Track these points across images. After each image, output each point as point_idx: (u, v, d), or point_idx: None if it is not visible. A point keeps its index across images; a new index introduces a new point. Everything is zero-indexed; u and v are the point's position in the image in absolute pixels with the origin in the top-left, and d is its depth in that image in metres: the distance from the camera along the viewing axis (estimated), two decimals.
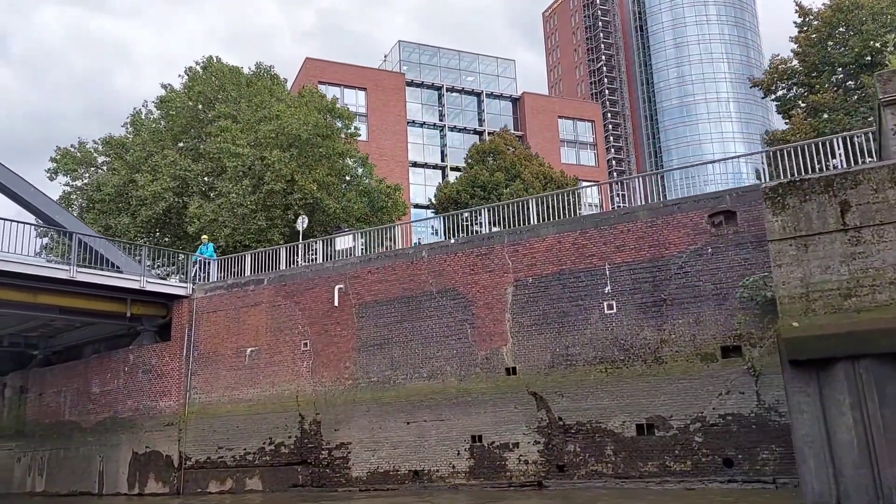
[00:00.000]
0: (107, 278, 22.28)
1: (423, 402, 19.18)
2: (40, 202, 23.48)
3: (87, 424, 25.76)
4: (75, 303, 23.15)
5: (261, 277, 23.17)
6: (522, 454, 17.56)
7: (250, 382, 22.19)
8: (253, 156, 34.71)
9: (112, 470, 24.34)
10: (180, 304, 24.19)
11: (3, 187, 22.96)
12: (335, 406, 20.52)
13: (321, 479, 20.15)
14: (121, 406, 24.62)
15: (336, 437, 20.24)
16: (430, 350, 19.48)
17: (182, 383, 23.41)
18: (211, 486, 21.94)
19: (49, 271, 20.89)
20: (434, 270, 19.95)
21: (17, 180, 23.34)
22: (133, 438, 23.87)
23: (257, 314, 22.67)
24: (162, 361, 23.87)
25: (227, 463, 21.83)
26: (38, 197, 23.72)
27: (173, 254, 25.83)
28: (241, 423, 21.92)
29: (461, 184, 36.77)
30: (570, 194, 20.69)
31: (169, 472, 22.78)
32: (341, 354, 20.87)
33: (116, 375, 25.12)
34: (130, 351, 25.00)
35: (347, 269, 21.45)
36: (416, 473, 18.84)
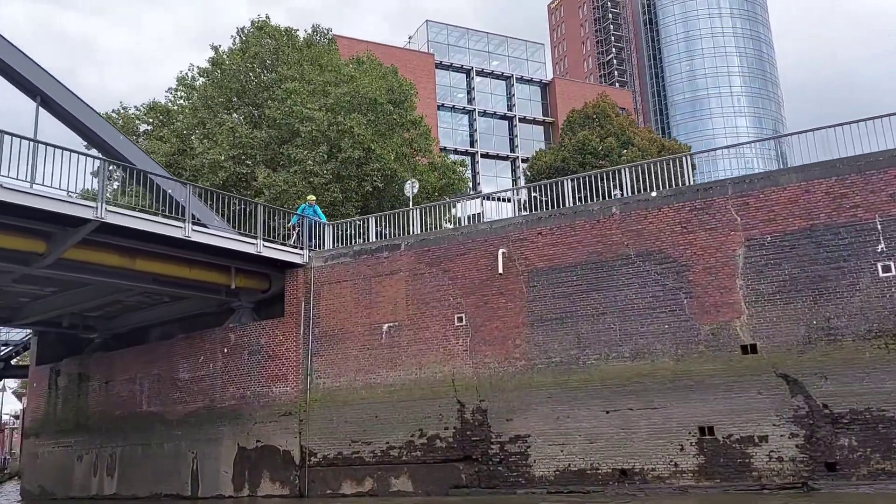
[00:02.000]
0: (224, 241, 18.78)
1: (626, 387, 15.94)
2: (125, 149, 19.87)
3: (174, 416, 22.24)
4: (175, 271, 19.69)
5: (396, 242, 19.78)
6: (773, 450, 14.37)
7: (390, 364, 18.81)
8: (327, 120, 31.25)
9: (210, 468, 20.84)
10: (294, 274, 20.75)
11: (72, 118, 19.18)
12: (505, 391, 17.21)
13: (491, 478, 16.83)
14: (220, 394, 21.13)
15: (509, 428, 16.95)
16: (632, 325, 16.23)
17: (301, 366, 19.97)
18: (344, 486, 18.54)
19: (163, 228, 17.36)
20: (630, 230, 16.70)
21: (94, 116, 19.60)
22: (238, 431, 20.41)
23: (394, 284, 19.29)
24: (274, 341, 20.41)
25: (365, 459, 18.45)
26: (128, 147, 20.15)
27: (270, 217, 22.13)
28: (381, 411, 18.55)
29: (568, 150, 33.53)
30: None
31: (288, 470, 19.35)
32: (508, 330, 17.56)
33: (212, 358, 21.61)
34: (231, 330, 21.50)
35: (510, 230, 18.14)
36: (623, 472, 15.59)
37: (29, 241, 16.61)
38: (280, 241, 20.47)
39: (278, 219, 22.20)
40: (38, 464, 26.71)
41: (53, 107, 18.90)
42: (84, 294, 22.55)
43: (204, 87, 36.60)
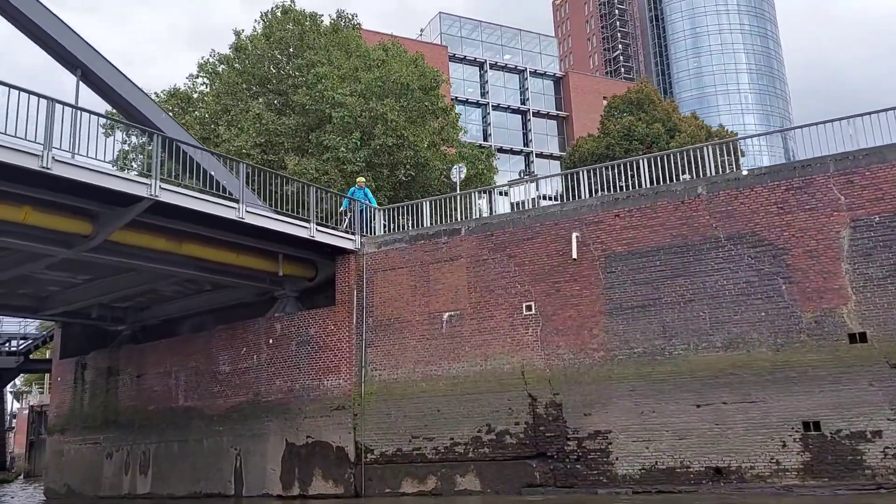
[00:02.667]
0: (278, 223, 17.64)
1: (719, 379, 14.84)
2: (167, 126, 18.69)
3: (213, 411, 21.10)
4: (222, 256, 18.58)
5: (455, 227, 18.66)
6: (889, 446, 13.30)
7: (452, 355, 17.69)
8: (359, 106, 30.12)
9: (256, 466, 19.71)
10: (345, 261, 19.61)
11: (113, 93, 17.97)
12: (581, 384, 16.10)
13: (569, 477, 15.72)
14: (265, 387, 20.00)
15: (587, 423, 15.84)
16: (723, 312, 15.13)
17: (354, 357, 18.84)
18: (405, 485, 17.42)
19: (216, 208, 16.22)
20: (719, 211, 15.60)
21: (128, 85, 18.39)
22: (286, 426, 19.28)
23: (455, 271, 18.16)
24: (324, 331, 19.28)
25: (428, 456, 17.33)
26: (170, 125, 18.98)
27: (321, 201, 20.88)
28: (444, 405, 17.43)
29: (614, 136, 32.38)
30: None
31: (342, 467, 18.22)
32: (584, 319, 16.44)
33: (256, 350, 20.47)
34: (277, 319, 20.36)
35: (583, 212, 17.02)
36: (717, 471, 14.49)
37: (74, 222, 15.48)
38: (331, 225, 19.28)
39: (328, 203, 20.96)
40: (63, 461, 25.56)
41: (94, 81, 17.77)
42: (118, 283, 21.42)
43: (227, 74, 35.45)
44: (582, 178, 17.91)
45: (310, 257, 20.11)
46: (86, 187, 14.38)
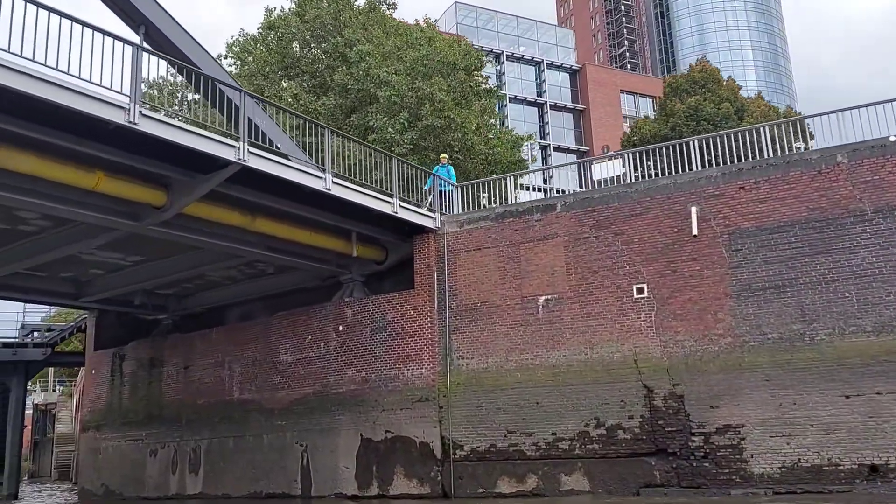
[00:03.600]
0: (363, 197, 16.05)
1: (871, 367, 13.34)
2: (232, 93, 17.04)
3: (274, 404, 19.50)
4: (295, 234, 17.01)
5: (550, 202, 17.10)
6: None
7: (551, 342, 16.13)
8: (406, 85, 28.51)
9: (326, 463, 18.11)
10: (424, 241, 18.03)
11: (179, 53, 16.23)
12: (706, 374, 14.56)
13: (695, 476, 14.18)
14: (335, 377, 18.40)
15: (715, 416, 14.30)
16: (874, 293, 13.64)
17: (437, 345, 17.27)
18: (501, 485, 15.85)
19: (302, 177, 14.61)
20: (864, 181, 14.09)
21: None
22: (361, 420, 17.71)
23: (550, 251, 16.60)
24: (403, 316, 17.69)
25: (527, 453, 15.76)
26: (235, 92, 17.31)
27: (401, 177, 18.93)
28: (544, 397, 15.87)
29: (680, 117, 30.85)
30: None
31: (427, 465, 16.65)
32: (707, 302, 14.90)
33: (323, 337, 18.87)
34: (347, 304, 18.76)
35: (701, 185, 15.48)
36: (873, 469, 13.00)
37: (148, 191, 13.84)
38: (413, 201, 17.68)
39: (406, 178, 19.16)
40: (99, 460, 23.90)
41: (158, 40, 16.08)
42: (167, 266, 19.77)
43: (259, 53, 33.80)
44: (693, 148, 16.35)
45: (382, 237, 18.50)
46: (165, 149, 12.77)
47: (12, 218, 15.27)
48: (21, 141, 11.69)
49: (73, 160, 12.63)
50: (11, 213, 15.00)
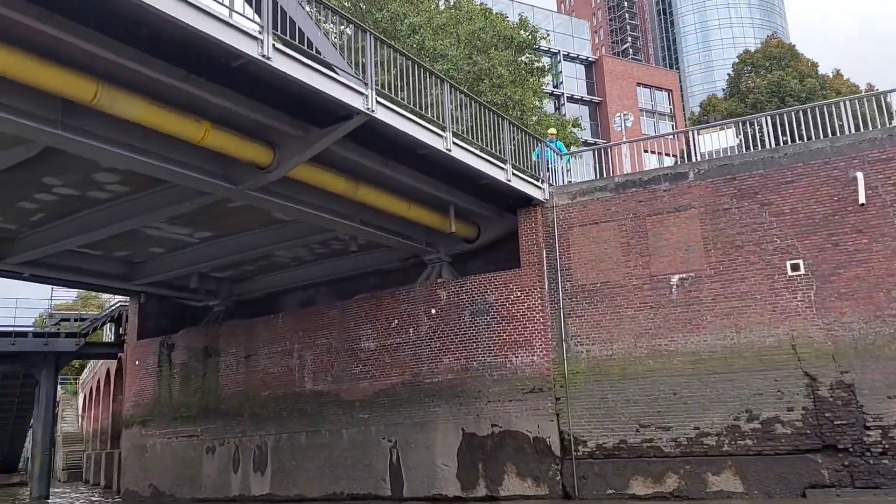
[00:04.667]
0: (481, 162, 14.27)
1: None
2: None
3: (355, 395, 17.71)
4: (395, 206, 15.30)
5: (681, 170, 15.39)
6: None
7: (688, 326, 14.42)
8: (463, 58, 26.74)
9: (420, 461, 16.33)
10: (531, 214, 16.28)
11: None
12: (880, 360, 12.93)
13: (872, 475, 12.53)
14: (428, 366, 16.62)
15: (893, 408, 12.60)
16: None
17: (550, 329, 15.52)
18: (634, 485, 14.11)
19: (425, 135, 12.83)
20: None
21: None
22: (462, 412, 15.94)
23: (683, 224, 14.90)
24: (508, 298, 15.93)
25: (664, 449, 14.04)
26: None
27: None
28: (682, 387, 14.16)
29: (762, 92, 29.23)
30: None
31: (544, 462, 14.90)
32: (878, 279, 13.25)
33: (413, 322, 17.09)
34: (440, 286, 16.99)
35: (865, 148, 13.81)
36: None
37: (255, 147, 12.00)
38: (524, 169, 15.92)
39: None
40: (146, 459, 21.98)
41: None
42: (235, 245, 17.99)
43: None
44: (844, 109, 14.66)
45: (479, 211, 16.72)
46: (281, 95, 10.93)
47: (87, 183, 13.45)
48: (133, 82, 9.90)
49: (181, 107, 10.80)
50: (89, 178, 13.18)
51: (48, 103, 9.93)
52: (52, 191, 13.76)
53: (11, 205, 14.38)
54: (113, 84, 9.82)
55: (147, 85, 10.21)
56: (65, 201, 14.39)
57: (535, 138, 17.24)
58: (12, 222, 15.41)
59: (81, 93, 9.51)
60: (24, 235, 16.24)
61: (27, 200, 14.18)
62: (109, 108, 9.91)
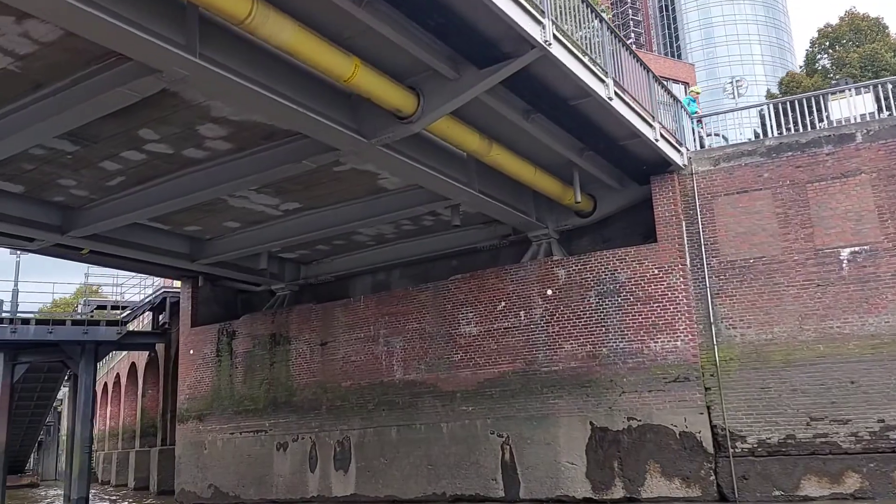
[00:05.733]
0: (635, 117, 12.48)
1: None
2: None
3: (455, 385, 15.96)
4: (521, 171, 13.56)
5: (846, 131, 13.65)
6: None
7: (864, 306, 12.74)
8: None
9: (539, 458, 14.59)
10: (666, 182, 14.55)
11: None
12: None
13: None
14: (545, 352, 14.88)
15: None
16: None
17: (695, 311, 13.76)
18: (806, 485, 12.41)
19: (591, 79, 10.99)
20: None
21: None
22: (590, 405, 14.23)
23: (853, 192, 13.20)
24: (643, 277, 14.20)
25: (842, 445, 12.36)
26: None
27: None
28: (861, 375, 12.48)
29: (854, 66, 27.54)
30: None
31: (694, 460, 13.17)
32: None
33: (524, 304, 15.35)
34: (558, 263, 15.26)
35: None
36: None
37: (401, 92, 10.19)
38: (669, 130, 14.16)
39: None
40: (205, 456, 20.16)
41: None
42: (319, 220, 16.32)
43: None
44: None
45: (602, 179, 14.93)
46: (448, 20, 9.11)
47: (187, 138, 11.67)
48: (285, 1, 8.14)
49: (330, 37, 9.00)
50: (192, 131, 11.41)
51: (185, 26, 8.14)
52: (143, 147, 11.92)
53: (93, 165, 12.50)
54: (266, 1, 8.02)
55: (300, 7, 8.43)
56: (151, 162, 12.57)
57: (674, 96, 15.44)
58: (86, 188, 13.54)
59: (238, 8, 7.69)
60: (94, 204, 14.39)
61: (112, 160, 12.32)
62: (259, 28, 8.08)
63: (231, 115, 10.93)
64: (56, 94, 9.56)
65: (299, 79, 9.90)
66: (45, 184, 13.28)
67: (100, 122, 10.64)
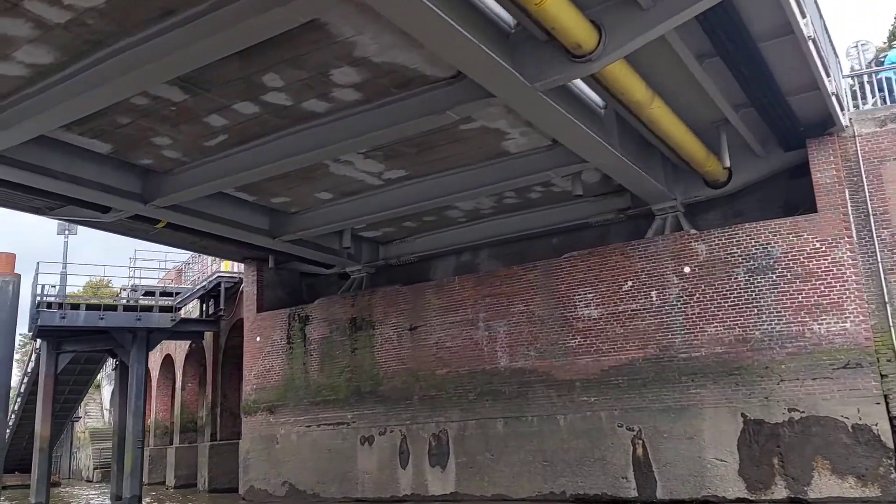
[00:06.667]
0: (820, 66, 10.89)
1: None
2: None
3: (572, 374, 14.47)
4: (673, 129, 12.08)
5: None
6: None
7: None
8: None
9: (679, 454, 13.08)
10: (823, 144, 12.95)
11: None
12: None
13: None
14: (683, 336, 13.39)
15: None
16: None
17: (865, 289, 12.20)
18: None
19: (796, 9, 9.40)
20: None
21: None
22: (740, 394, 12.76)
23: None
24: (802, 251, 12.65)
25: None
26: None
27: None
28: None
29: None
30: None
31: (870, 457, 11.67)
32: None
33: (656, 283, 13.85)
34: (696, 237, 13.74)
35: None
36: None
37: (584, 24, 8.61)
38: None
39: None
40: (277, 451, 18.71)
41: None
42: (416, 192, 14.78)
43: None
44: None
45: (750, 142, 13.34)
46: None
47: (315, 85, 10.18)
48: None
49: None
50: (322, 77, 9.92)
51: None
52: (260, 98, 10.42)
53: (196, 119, 10.99)
54: None
55: None
56: (262, 117, 11.09)
57: (834, 49, 13.83)
58: (180, 148, 12.03)
59: None
60: (182, 169, 12.89)
61: (220, 113, 10.82)
62: None
63: (374, 56, 9.40)
64: (189, 23, 8.00)
65: (465, 10, 8.34)
66: (137, 142, 11.78)
67: (220, 65, 9.17)
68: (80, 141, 11.58)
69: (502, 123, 11.78)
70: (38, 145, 11.31)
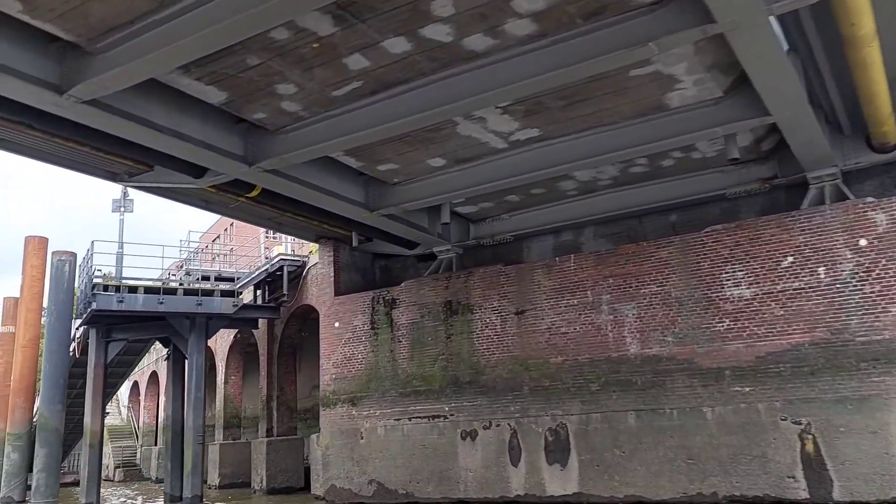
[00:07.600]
0: None
1: None
2: None
3: (720, 361, 12.89)
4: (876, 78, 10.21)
5: None
6: None
7: None
8: None
9: (859, 451, 11.57)
10: None
11: None
12: None
13: None
14: (859, 318, 12.00)
15: None
16: None
17: None
18: None
19: None
20: None
21: None
22: None
23: None
24: None
25: None
26: None
27: None
28: None
29: None
30: None
31: None
32: None
33: (823, 258, 12.28)
34: (874, 206, 12.18)
35: None
36: None
37: None
38: None
39: None
40: (361, 447, 17.10)
41: None
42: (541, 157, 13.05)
43: None
44: None
45: None
46: None
47: (490, 13, 8.56)
48: None
49: None
50: (505, 6, 8.17)
51: None
52: (418, 32, 8.93)
53: (335, 60, 9.37)
54: None
55: None
56: (409, 59, 9.57)
57: None
58: (303, 98, 10.44)
59: None
60: (293, 127, 11.29)
61: (364, 51, 9.22)
62: None
63: None
64: None
65: None
66: (258, 91, 10.19)
67: None
68: (192, 88, 9.98)
69: (681, 68, 10.17)
70: (137, 93, 9.71)
